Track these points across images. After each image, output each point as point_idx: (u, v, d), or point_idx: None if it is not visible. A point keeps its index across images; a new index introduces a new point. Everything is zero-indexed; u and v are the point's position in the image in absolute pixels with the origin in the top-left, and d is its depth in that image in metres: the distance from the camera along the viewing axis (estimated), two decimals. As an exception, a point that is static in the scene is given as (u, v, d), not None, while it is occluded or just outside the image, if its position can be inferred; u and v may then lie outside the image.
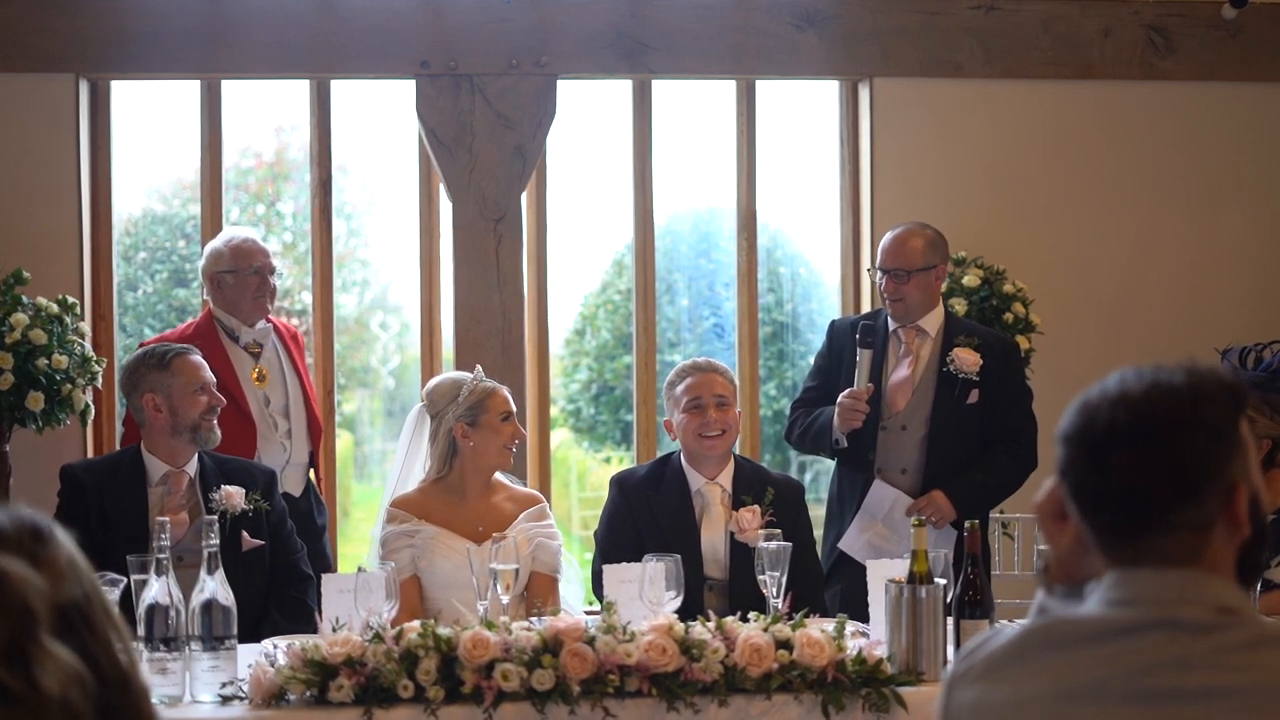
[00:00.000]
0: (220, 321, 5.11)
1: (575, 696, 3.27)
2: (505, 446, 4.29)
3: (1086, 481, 1.77)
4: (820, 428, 4.77)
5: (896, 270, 4.76)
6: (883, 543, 4.66)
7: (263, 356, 5.13)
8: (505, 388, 4.38)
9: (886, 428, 4.78)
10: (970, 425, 4.74)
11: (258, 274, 5.08)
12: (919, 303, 4.79)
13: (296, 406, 5.16)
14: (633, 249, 6.09)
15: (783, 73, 5.96)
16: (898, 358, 4.82)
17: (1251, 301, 6.02)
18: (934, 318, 4.83)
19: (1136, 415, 1.74)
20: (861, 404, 4.65)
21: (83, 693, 1.51)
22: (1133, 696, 1.71)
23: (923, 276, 4.76)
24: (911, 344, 4.81)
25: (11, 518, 1.58)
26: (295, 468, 5.12)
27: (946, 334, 4.81)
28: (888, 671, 3.39)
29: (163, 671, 3.31)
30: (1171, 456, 1.73)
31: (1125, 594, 1.76)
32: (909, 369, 4.79)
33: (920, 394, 4.77)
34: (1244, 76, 6.06)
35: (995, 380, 4.75)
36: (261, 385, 5.08)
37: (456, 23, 5.76)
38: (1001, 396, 4.75)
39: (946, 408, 4.73)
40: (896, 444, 4.76)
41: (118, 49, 5.62)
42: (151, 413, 4.25)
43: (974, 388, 4.73)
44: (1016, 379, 4.88)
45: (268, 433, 5.07)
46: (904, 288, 4.75)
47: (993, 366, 4.75)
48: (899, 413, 4.77)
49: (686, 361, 4.48)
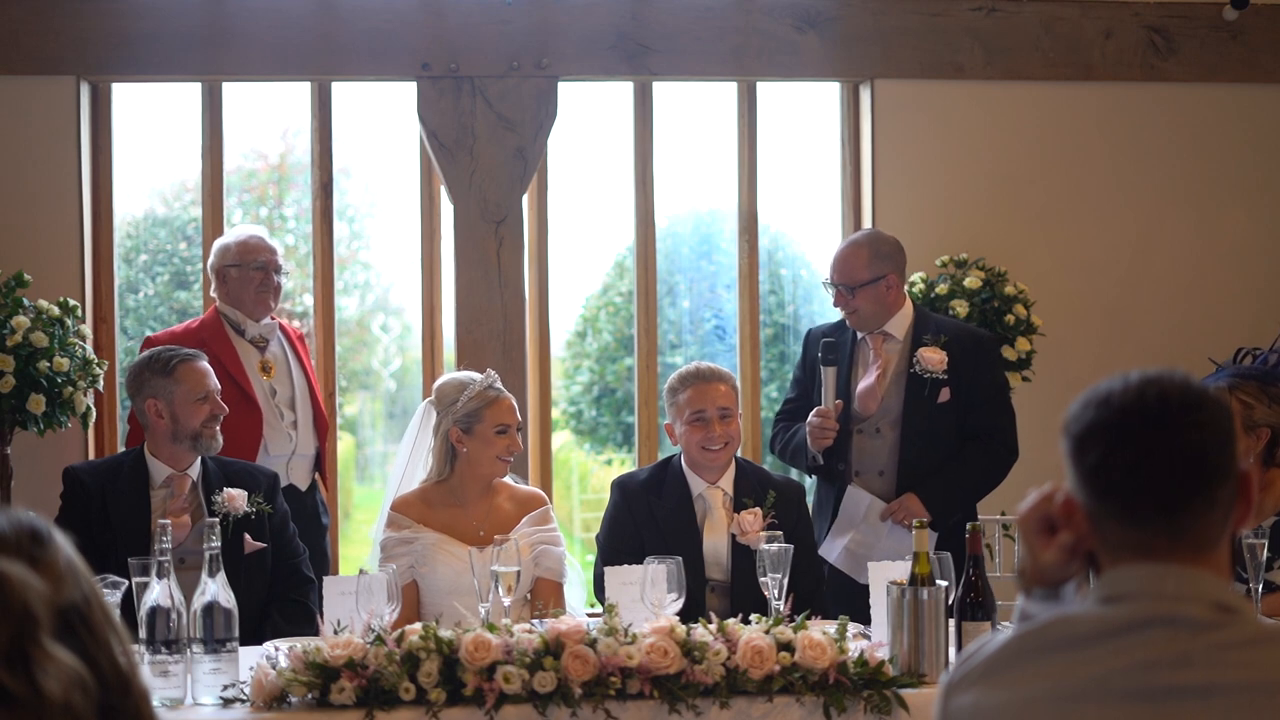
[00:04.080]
0: (226, 316, 5.15)
1: (577, 698, 3.27)
2: (499, 458, 4.26)
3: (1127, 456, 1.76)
4: (796, 447, 4.78)
5: (842, 285, 4.75)
6: (859, 549, 4.66)
7: (268, 350, 5.16)
8: (511, 397, 4.32)
9: (862, 431, 4.78)
10: (944, 424, 4.71)
11: (261, 269, 5.11)
12: (873, 314, 4.76)
13: (303, 400, 5.19)
14: (634, 251, 6.08)
15: (784, 74, 5.96)
16: (867, 364, 4.80)
17: (1252, 302, 6.02)
18: (900, 321, 4.80)
19: (1186, 390, 1.77)
20: (830, 422, 4.66)
21: (84, 695, 1.51)
22: (1133, 694, 1.71)
23: (870, 290, 4.72)
24: (879, 350, 4.79)
25: (10, 521, 1.58)
26: (301, 459, 5.15)
27: (915, 335, 4.78)
28: (889, 673, 3.38)
29: (164, 674, 3.30)
30: (1222, 429, 1.77)
31: (1123, 589, 1.76)
32: (875, 374, 4.77)
33: (891, 397, 4.75)
34: (1245, 78, 6.06)
35: (966, 375, 4.72)
36: (268, 377, 5.11)
37: (457, 24, 5.76)
38: (974, 391, 4.73)
39: (917, 409, 4.71)
40: (872, 448, 4.76)
41: (119, 51, 5.63)
42: (154, 418, 4.25)
43: (944, 386, 4.71)
44: (989, 373, 4.82)
45: (274, 421, 5.09)
46: (853, 302, 4.74)
47: (963, 360, 4.72)
48: (871, 417, 4.77)
49: (688, 366, 4.44)
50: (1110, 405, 1.77)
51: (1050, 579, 1.86)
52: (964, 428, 4.73)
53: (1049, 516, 1.84)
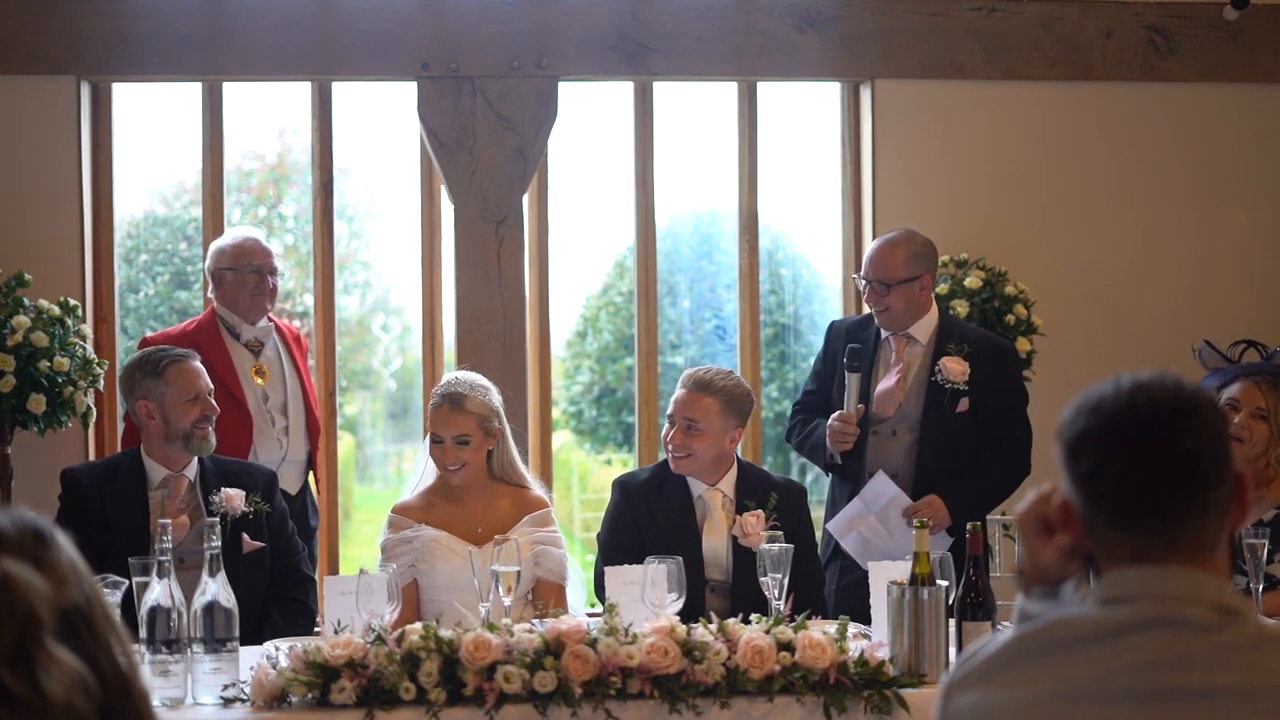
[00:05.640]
0: (222, 318, 5.15)
1: (577, 698, 3.27)
2: (446, 466, 4.25)
3: (1118, 464, 1.75)
4: (815, 444, 4.78)
5: (877, 282, 4.72)
6: (873, 536, 4.64)
7: (263, 354, 5.17)
8: (452, 404, 4.21)
9: (878, 433, 4.77)
10: (961, 433, 4.70)
11: (256, 272, 5.12)
12: (903, 312, 4.74)
13: (295, 404, 5.19)
14: (634, 251, 6.08)
15: (784, 74, 5.96)
16: (888, 365, 4.79)
17: (1253, 302, 6.02)
18: (925, 325, 4.79)
19: (1178, 395, 1.76)
20: (851, 427, 4.66)
21: (86, 697, 1.51)
22: (1134, 695, 1.71)
23: (905, 288, 4.70)
24: (902, 352, 4.78)
25: (14, 521, 1.58)
26: (292, 465, 5.14)
27: (939, 340, 4.76)
28: (890, 673, 3.38)
29: (164, 674, 3.31)
30: (1215, 433, 1.76)
31: (1124, 591, 1.76)
32: (896, 378, 4.76)
33: (910, 402, 4.74)
34: (1245, 78, 6.06)
35: (987, 385, 4.71)
36: (261, 381, 5.11)
37: (457, 24, 5.76)
38: (994, 401, 4.72)
39: (935, 417, 4.70)
40: (886, 450, 4.75)
41: (119, 51, 5.62)
42: (145, 419, 4.26)
43: (963, 396, 4.70)
44: (1010, 383, 4.81)
45: (265, 428, 5.09)
46: (886, 299, 4.72)
47: (984, 370, 4.71)
48: (888, 419, 4.76)
49: (697, 369, 4.42)
50: (1101, 412, 1.77)
51: (1049, 578, 1.86)
52: (982, 436, 4.71)
53: (1046, 517, 1.84)
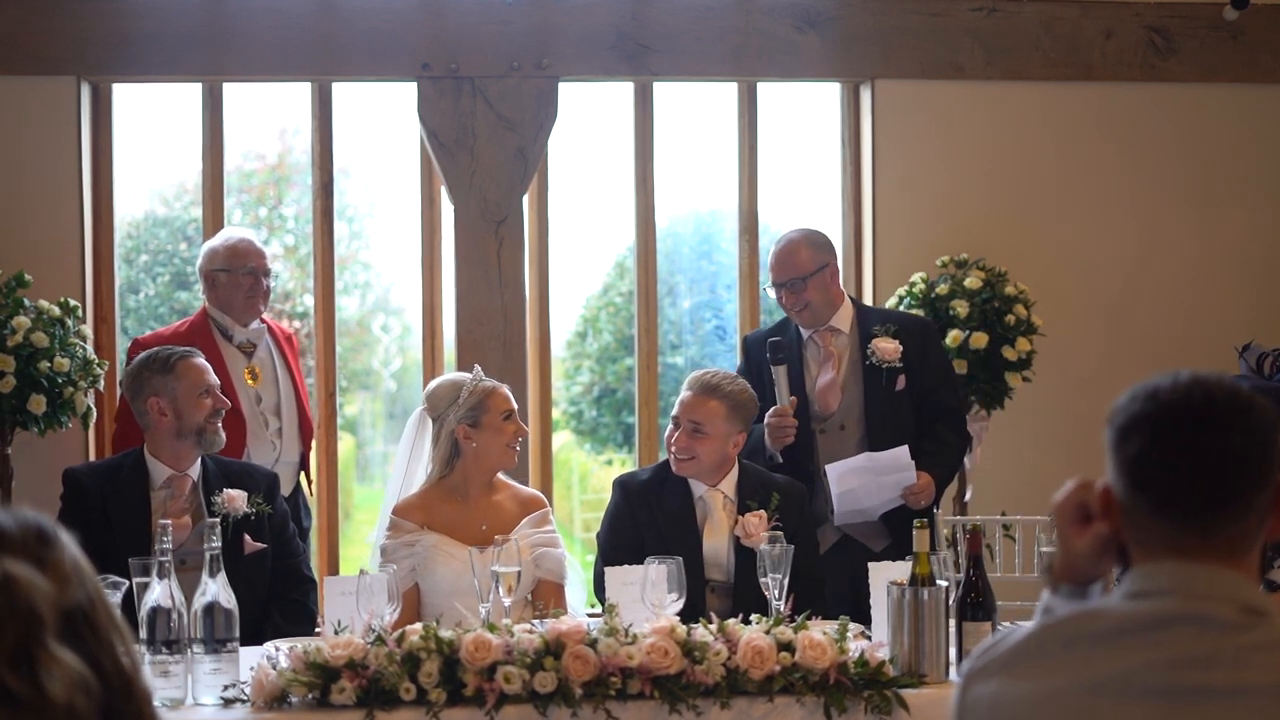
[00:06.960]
0: (215, 320, 5.14)
1: (577, 699, 3.27)
2: (509, 445, 4.29)
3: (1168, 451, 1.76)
4: (753, 447, 4.75)
5: (791, 281, 4.80)
6: (865, 496, 4.64)
7: (255, 355, 5.16)
8: (505, 385, 4.37)
9: (825, 430, 4.81)
10: (904, 411, 4.79)
11: (251, 274, 5.11)
12: (823, 305, 4.82)
13: (288, 406, 5.19)
14: (634, 251, 6.08)
15: (784, 75, 5.96)
16: (819, 362, 4.85)
17: (1254, 302, 6.02)
18: (844, 314, 4.87)
19: (1234, 394, 1.78)
20: (789, 420, 4.68)
21: (87, 698, 1.51)
22: (1156, 692, 1.70)
23: (818, 279, 4.79)
24: (829, 345, 4.85)
25: (17, 520, 1.58)
26: (285, 466, 5.14)
27: (861, 326, 4.86)
28: (890, 674, 3.39)
29: (165, 674, 3.31)
30: (1267, 437, 1.77)
31: (1154, 585, 1.76)
32: (833, 370, 4.82)
33: (850, 391, 4.81)
34: (1245, 78, 6.06)
35: (918, 362, 4.81)
36: (254, 384, 5.11)
37: (457, 25, 5.76)
38: (927, 377, 4.82)
39: (878, 399, 4.78)
40: (838, 444, 4.78)
41: (119, 51, 5.62)
42: (156, 416, 4.25)
43: (899, 374, 4.79)
44: (939, 358, 4.96)
45: (258, 430, 5.09)
46: (804, 295, 4.79)
47: (913, 349, 4.81)
48: (833, 414, 4.81)
49: (703, 372, 4.42)
50: (1156, 399, 1.78)
51: (1081, 572, 1.86)
52: (922, 412, 4.80)
53: (1085, 504, 1.84)
